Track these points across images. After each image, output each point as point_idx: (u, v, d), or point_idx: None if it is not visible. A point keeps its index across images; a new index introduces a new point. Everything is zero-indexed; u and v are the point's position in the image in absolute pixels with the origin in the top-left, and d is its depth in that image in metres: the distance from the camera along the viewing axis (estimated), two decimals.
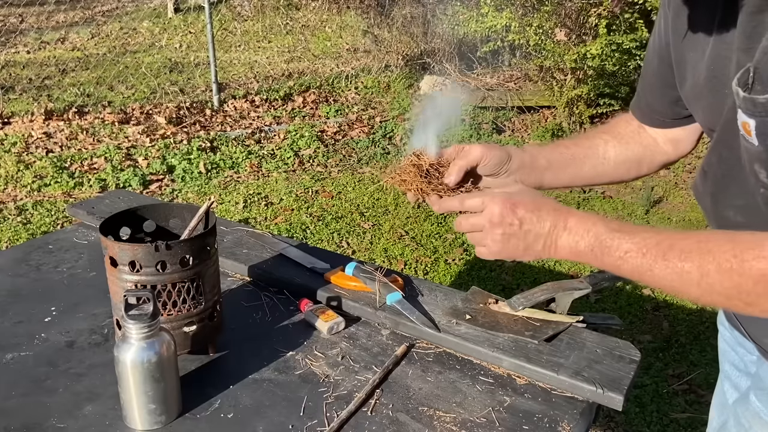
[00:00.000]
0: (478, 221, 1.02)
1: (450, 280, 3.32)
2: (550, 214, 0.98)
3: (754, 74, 0.77)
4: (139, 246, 1.03)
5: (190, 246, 1.06)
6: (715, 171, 0.96)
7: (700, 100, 0.98)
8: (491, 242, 1.00)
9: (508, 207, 0.99)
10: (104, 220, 1.11)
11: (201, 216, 1.14)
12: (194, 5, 9.80)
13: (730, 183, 0.93)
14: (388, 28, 7.28)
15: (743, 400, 1.08)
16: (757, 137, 0.79)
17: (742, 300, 0.81)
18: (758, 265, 0.78)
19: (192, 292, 1.07)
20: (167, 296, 1.05)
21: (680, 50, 1.01)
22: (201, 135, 5.17)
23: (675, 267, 0.86)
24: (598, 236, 0.93)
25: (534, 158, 1.16)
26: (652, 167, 1.23)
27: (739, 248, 0.81)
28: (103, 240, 1.06)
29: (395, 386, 1.08)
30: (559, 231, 0.97)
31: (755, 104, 0.77)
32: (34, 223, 3.82)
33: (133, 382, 0.96)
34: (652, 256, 0.88)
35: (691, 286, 0.86)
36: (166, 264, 1.04)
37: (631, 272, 0.91)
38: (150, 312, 0.95)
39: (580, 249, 0.95)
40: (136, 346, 0.95)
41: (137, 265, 1.03)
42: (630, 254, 0.90)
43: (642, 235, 0.91)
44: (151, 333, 0.95)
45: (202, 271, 1.08)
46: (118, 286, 1.05)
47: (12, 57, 7.62)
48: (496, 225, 0.99)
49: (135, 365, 0.95)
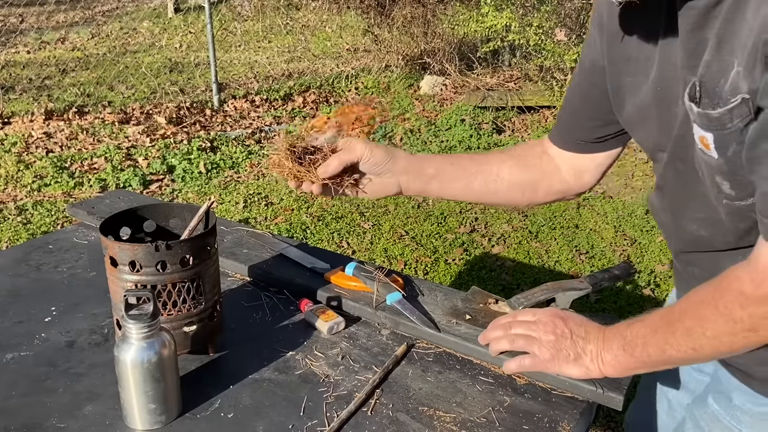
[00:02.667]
0: (530, 328, 1.06)
1: (450, 280, 3.32)
2: (594, 329, 1.03)
3: (700, 88, 0.79)
4: (139, 246, 1.03)
5: (190, 246, 1.06)
6: (671, 186, 0.97)
7: (645, 122, 0.99)
8: (542, 348, 1.04)
9: (559, 318, 1.06)
10: (104, 220, 1.11)
11: (201, 216, 1.14)
12: (194, 5, 9.81)
13: (688, 197, 0.95)
14: (388, 28, 7.27)
15: (700, 402, 1.09)
16: (716, 150, 0.80)
17: (745, 328, 0.83)
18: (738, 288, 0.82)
19: (192, 292, 1.07)
20: (167, 296, 1.05)
21: (617, 76, 1.02)
22: (201, 135, 5.17)
23: (679, 329, 0.90)
24: (624, 337, 0.98)
25: (421, 165, 1.17)
26: (549, 195, 1.22)
27: (719, 288, 0.85)
28: (103, 240, 1.06)
29: (395, 386, 1.08)
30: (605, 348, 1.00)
31: (710, 119, 0.78)
32: (34, 223, 3.82)
33: (133, 382, 0.96)
34: (662, 332, 0.93)
35: (701, 339, 0.88)
36: (166, 264, 1.04)
37: (659, 356, 0.94)
38: (150, 312, 0.95)
39: (621, 360, 0.98)
40: (136, 345, 0.94)
41: (137, 265, 1.03)
42: (647, 337, 0.95)
43: (651, 316, 0.96)
44: (151, 333, 0.95)
45: (202, 271, 1.08)
46: (118, 286, 1.05)
47: (12, 57, 7.62)
48: (549, 332, 1.04)
49: (135, 365, 0.94)
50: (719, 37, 0.77)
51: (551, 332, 1.05)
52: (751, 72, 0.72)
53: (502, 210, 4.09)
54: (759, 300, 0.80)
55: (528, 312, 1.12)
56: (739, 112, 0.75)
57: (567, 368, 1.03)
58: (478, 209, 4.11)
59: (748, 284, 0.81)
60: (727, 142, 0.79)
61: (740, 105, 0.75)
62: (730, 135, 0.78)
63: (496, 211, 4.08)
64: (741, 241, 0.91)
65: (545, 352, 1.04)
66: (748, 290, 0.81)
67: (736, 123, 0.76)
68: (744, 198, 0.84)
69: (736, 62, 0.74)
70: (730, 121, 0.77)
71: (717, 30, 0.77)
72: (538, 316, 1.09)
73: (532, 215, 4.00)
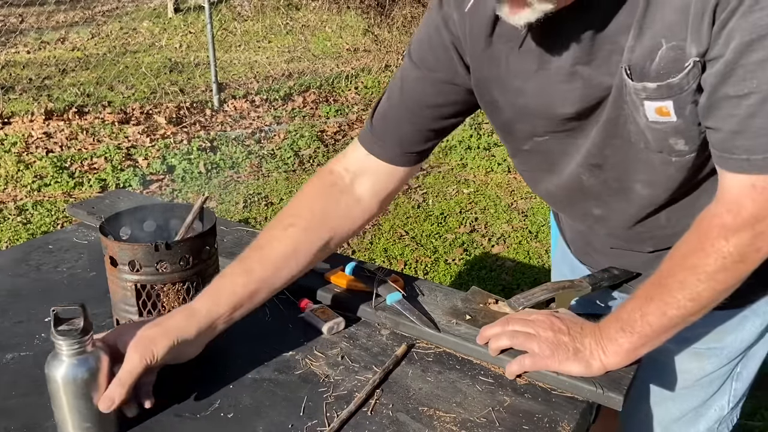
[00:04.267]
0: (527, 325, 1.08)
1: (450, 280, 3.32)
2: (589, 324, 1.07)
3: (630, 71, 0.91)
4: (139, 246, 1.03)
5: (190, 246, 1.06)
6: (612, 161, 1.05)
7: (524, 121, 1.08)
8: (542, 345, 1.05)
9: (555, 316, 1.09)
10: (104, 220, 1.11)
11: (196, 212, 1.13)
12: (194, 5, 9.81)
13: (631, 164, 1.03)
14: (388, 28, 7.28)
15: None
16: (675, 113, 0.92)
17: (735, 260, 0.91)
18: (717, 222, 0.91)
19: (192, 291, 1.07)
20: (167, 296, 1.05)
21: (487, 91, 1.08)
22: (201, 135, 5.17)
23: (673, 285, 0.96)
24: (620, 319, 1.02)
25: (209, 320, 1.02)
26: (342, 240, 1.18)
27: (699, 231, 0.94)
28: (103, 240, 1.06)
29: (395, 386, 1.08)
30: (604, 337, 1.04)
31: (671, 86, 0.89)
32: (34, 223, 3.82)
33: (65, 401, 0.91)
34: (657, 295, 0.98)
35: (697, 286, 0.94)
36: (165, 264, 1.04)
37: (660, 320, 0.98)
38: (80, 327, 0.90)
39: (622, 343, 1.02)
40: (68, 362, 0.90)
41: (137, 265, 1.03)
42: (643, 308, 0.99)
43: (640, 289, 1.02)
44: (83, 349, 0.90)
45: (203, 271, 1.08)
46: (118, 286, 1.05)
47: (12, 57, 7.62)
48: (547, 329, 1.06)
49: (67, 382, 0.90)
50: (639, 25, 0.88)
51: (549, 328, 1.06)
52: (698, 36, 0.84)
53: (502, 210, 4.09)
54: (740, 227, 0.88)
55: (523, 313, 1.13)
56: (693, 74, 0.87)
57: (567, 364, 1.03)
58: (478, 209, 4.11)
59: (726, 216, 0.90)
60: (685, 103, 0.90)
61: (692, 68, 0.87)
62: (687, 96, 0.90)
63: (496, 211, 4.08)
64: (675, 193, 1.05)
65: (545, 348, 1.05)
66: (729, 221, 0.89)
67: (691, 84, 0.88)
68: (694, 150, 0.96)
69: (664, 41, 0.87)
70: (687, 83, 0.88)
71: (636, 21, 0.88)
72: (534, 316, 1.10)
73: (532, 215, 4.01)
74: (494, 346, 1.10)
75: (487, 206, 4.15)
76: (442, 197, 4.28)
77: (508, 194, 4.33)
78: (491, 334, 1.11)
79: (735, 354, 1.22)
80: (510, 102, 1.07)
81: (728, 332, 1.19)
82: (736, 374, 1.25)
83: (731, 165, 0.89)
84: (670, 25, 0.86)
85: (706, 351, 1.21)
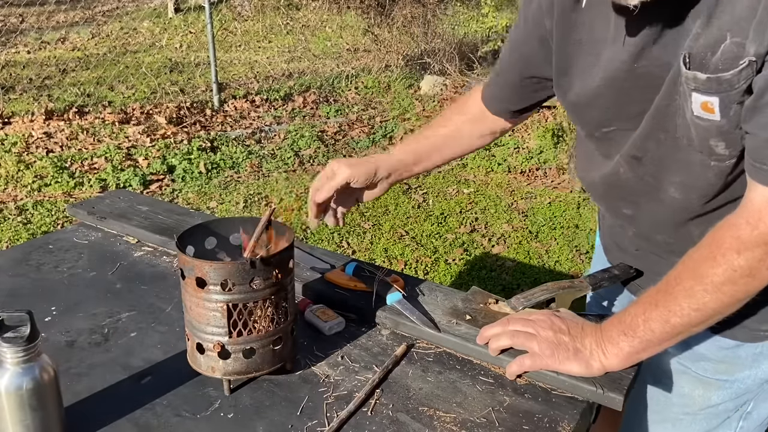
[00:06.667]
0: (527, 325, 1.08)
1: (450, 280, 3.32)
2: (590, 324, 1.07)
3: (689, 59, 0.88)
4: (233, 264, 0.98)
5: (278, 259, 1.01)
6: (653, 155, 1.03)
7: (593, 104, 1.07)
8: (542, 345, 1.05)
9: (555, 315, 1.09)
10: (178, 238, 1.04)
11: (264, 224, 1.08)
12: (194, 5, 9.81)
13: (670, 163, 1.01)
14: (388, 28, 7.28)
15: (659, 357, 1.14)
16: (720, 111, 0.88)
17: (744, 275, 0.88)
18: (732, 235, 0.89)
19: (280, 306, 1.03)
20: (257, 314, 1.01)
21: (565, 57, 1.09)
22: (201, 135, 5.17)
23: (680, 292, 0.94)
24: (623, 322, 1.01)
25: (402, 160, 1.32)
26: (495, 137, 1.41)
27: (714, 240, 0.91)
28: (185, 260, 0.99)
29: (395, 386, 1.08)
30: (605, 338, 1.03)
31: (720, 82, 0.86)
32: (35, 223, 3.82)
33: (8, 411, 0.87)
34: (663, 302, 0.96)
35: (703, 296, 0.92)
36: (258, 280, 0.99)
37: (662, 327, 0.97)
38: (26, 335, 0.86)
39: (623, 347, 1.01)
40: (12, 371, 0.86)
41: (228, 284, 0.98)
42: (647, 313, 0.98)
43: (646, 294, 1.00)
44: (29, 357, 0.87)
45: (286, 284, 1.04)
46: (205, 308, 0.99)
47: (12, 57, 7.62)
48: (547, 329, 1.06)
49: (9, 392, 0.86)
50: (709, 14, 0.86)
51: (549, 328, 1.06)
52: (760, 36, 0.81)
53: (503, 210, 4.09)
54: (755, 242, 0.86)
55: (523, 313, 1.13)
56: (745, 74, 0.84)
57: (567, 364, 1.03)
58: (478, 209, 4.11)
59: (744, 228, 0.87)
60: (731, 102, 0.87)
61: (746, 67, 0.83)
62: (735, 95, 0.86)
63: (497, 211, 4.08)
64: (709, 203, 1.01)
65: (545, 348, 1.04)
66: (745, 234, 0.87)
67: (741, 83, 0.85)
68: (734, 156, 0.93)
69: (729, 35, 0.84)
70: (737, 82, 0.85)
71: (707, 8, 0.86)
72: (534, 315, 1.10)
73: (532, 215, 4.01)
74: (494, 346, 1.10)
75: (487, 206, 4.15)
76: (443, 197, 4.28)
77: (508, 194, 4.33)
78: (491, 334, 1.11)
79: (745, 391, 1.15)
80: (580, 80, 1.07)
81: (741, 367, 1.13)
82: (744, 413, 1.18)
83: (760, 176, 0.86)
84: (738, 19, 0.83)
85: (715, 381, 1.16)
